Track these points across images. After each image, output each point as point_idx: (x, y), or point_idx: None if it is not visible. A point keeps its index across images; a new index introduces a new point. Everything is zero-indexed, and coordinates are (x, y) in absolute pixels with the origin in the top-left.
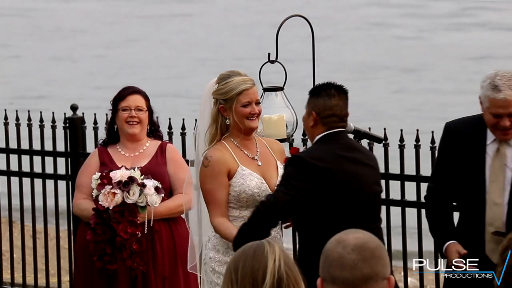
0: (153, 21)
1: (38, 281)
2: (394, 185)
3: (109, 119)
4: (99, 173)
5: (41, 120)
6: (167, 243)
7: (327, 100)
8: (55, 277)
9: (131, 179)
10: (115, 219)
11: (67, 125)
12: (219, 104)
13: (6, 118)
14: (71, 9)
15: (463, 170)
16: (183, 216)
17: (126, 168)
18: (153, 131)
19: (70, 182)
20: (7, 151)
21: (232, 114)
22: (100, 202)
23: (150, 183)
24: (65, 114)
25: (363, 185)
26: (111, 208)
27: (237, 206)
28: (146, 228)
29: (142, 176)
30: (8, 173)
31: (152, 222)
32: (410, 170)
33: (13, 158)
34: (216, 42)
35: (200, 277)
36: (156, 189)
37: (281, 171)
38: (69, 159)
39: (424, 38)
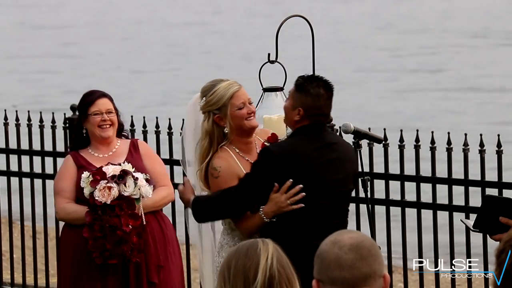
0: None
1: (38, 281)
2: (394, 185)
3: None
4: (88, 172)
5: (41, 121)
6: (158, 234)
7: (317, 100)
8: (55, 277)
9: (125, 172)
10: (114, 213)
11: (67, 125)
12: (213, 115)
13: (6, 118)
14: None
15: None
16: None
17: (112, 164)
18: (121, 131)
19: None
20: (7, 151)
21: (229, 120)
22: (96, 198)
23: (141, 176)
24: (65, 114)
25: (330, 184)
26: (108, 202)
27: None
28: (144, 220)
29: (134, 169)
30: (8, 173)
31: (140, 214)
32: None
33: (13, 158)
34: None
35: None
36: (147, 180)
37: None
38: None
39: None
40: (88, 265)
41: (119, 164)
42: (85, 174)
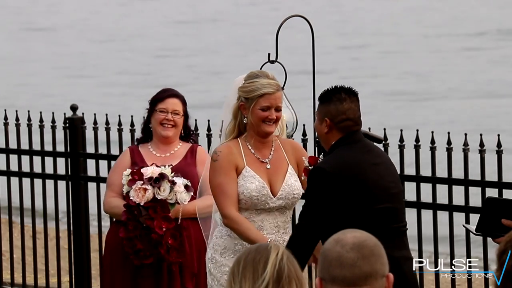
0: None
1: (38, 281)
2: None
3: (145, 117)
4: (130, 170)
5: (41, 120)
6: (196, 241)
7: (339, 104)
8: (55, 277)
9: (162, 176)
10: (148, 215)
11: (67, 125)
12: (240, 100)
13: (6, 118)
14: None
15: None
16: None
17: (157, 166)
18: (187, 136)
19: (70, 182)
20: (7, 151)
21: (249, 114)
22: (131, 198)
23: (180, 181)
24: (65, 114)
25: (386, 185)
26: (142, 204)
27: (239, 206)
28: (179, 221)
29: (173, 174)
30: (8, 173)
31: (180, 220)
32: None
33: (13, 158)
34: None
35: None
36: (186, 187)
37: (289, 175)
38: (69, 159)
39: None
40: (122, 266)
41: (160, 167)
42: (126, 172)
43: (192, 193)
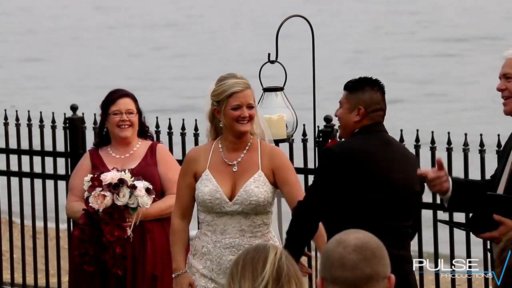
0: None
1: (38, 281)
2: None
3: (98, 122)
4: (91, 175)
5: (41, 120)
6: (160, 242)
7: (374, 94)
8: (55, 277)
9: (121, 181)
10: (104, 220)
11: (67, 125)
12: (213, 105)
13: (6, 118)
14: None
15: None
16: None
17: (117, 170)
18: (143, 132)
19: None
20: (7, 151)
21: (222, 116)
22: (90, 204)
23: (141, 185)
24: (65, 114)
25: (392, 181)
26: (101, 210)
27: (202, 209)
28: (131, 228)
29: (133, 178)
30: (8, 173)
31: (137, 223)
32: None
33: (13, 158)
34: None
35: None
36: (147, 190)
37: (252, 181)
38: (69, 159)
39: None
40: (87, 270)
41: (120, 171)
42: (87, 177)
43: (154, 196)
